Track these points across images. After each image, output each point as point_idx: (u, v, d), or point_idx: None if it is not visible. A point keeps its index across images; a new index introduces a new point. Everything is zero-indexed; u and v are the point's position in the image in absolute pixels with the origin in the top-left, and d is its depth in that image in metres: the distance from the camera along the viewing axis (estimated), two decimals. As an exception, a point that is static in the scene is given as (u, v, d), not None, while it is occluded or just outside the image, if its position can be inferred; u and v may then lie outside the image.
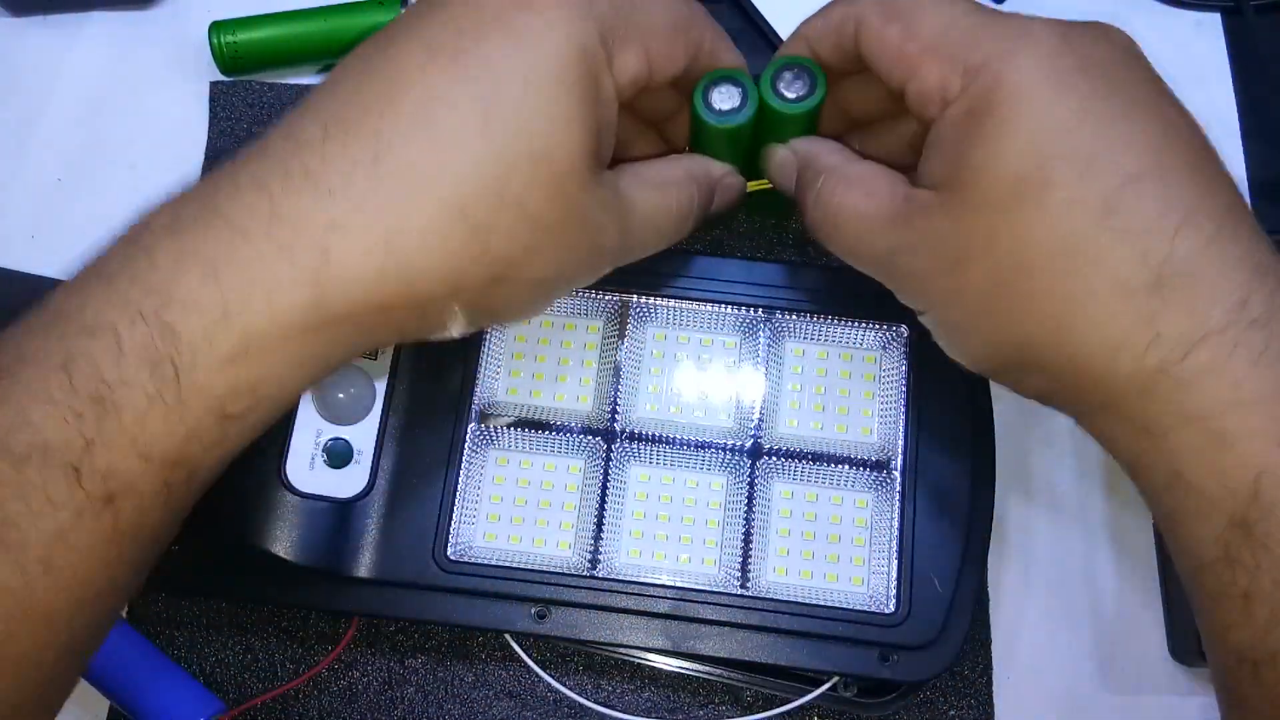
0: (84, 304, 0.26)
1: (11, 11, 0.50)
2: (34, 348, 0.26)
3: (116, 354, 0.26)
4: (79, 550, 0.25)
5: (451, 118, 0.27)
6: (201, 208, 0.27)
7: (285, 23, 0.47)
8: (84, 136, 0.49)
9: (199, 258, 0.26)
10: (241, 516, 0.36)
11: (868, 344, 0.40)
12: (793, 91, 0.34)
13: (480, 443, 0.39)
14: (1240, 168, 0.47)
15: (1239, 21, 0.48)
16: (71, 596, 0.26)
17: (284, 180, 0.27)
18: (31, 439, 0.25)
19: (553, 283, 0.31)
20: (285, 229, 0.26)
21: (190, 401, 0.26)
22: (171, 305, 0.26)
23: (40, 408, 0.25)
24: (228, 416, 0.27)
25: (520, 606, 0.37)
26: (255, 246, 0.26)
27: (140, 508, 0.26)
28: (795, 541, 0.38)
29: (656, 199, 0.34)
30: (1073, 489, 0.43)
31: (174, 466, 0.26)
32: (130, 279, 0.26)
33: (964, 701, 0.41)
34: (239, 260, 0.26)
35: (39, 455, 0.25)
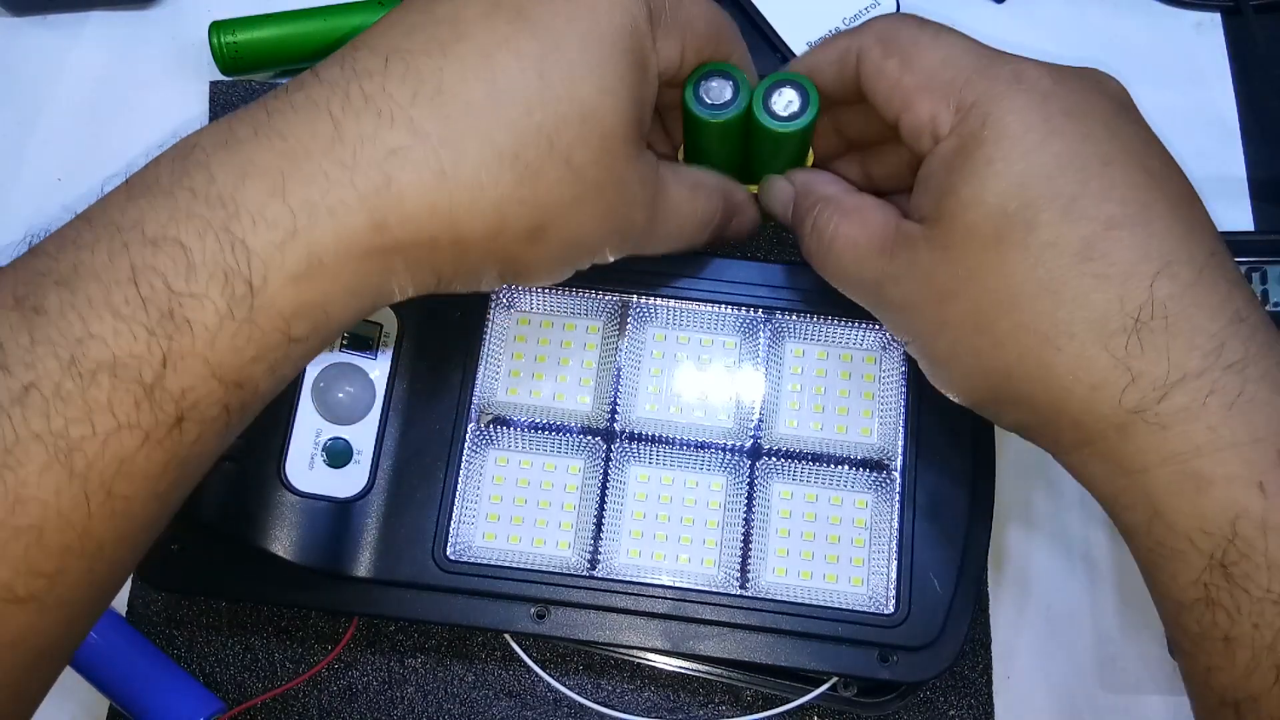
0: (141, 217, 0.25)
1: (11, 11, 0.50)
2: (92, 260, 0.25)
3: (186, 267, 0.25)
4: (138, 479, 0.25)
5: (512, 65, 0.28)
6: (258, 127, 0.27)
7: (285, 23, 0.47)
8: (84, 136, 0.49)
9: (262, 172, 0.26)
10: (241, 516, 0.36)
11: (868, 344, 0.40)
12: (785, 110, 0.34)
13: (480, 442, 0.39)
14: (1240, 168, 0.47)
15: (1239, 21, 0.48)
16: (124, 528, 0.25)
17: (344, 103, 0.27)
18: (99, 355, 0.24)
19: (583, 245, 0.31)
20: (347, 150, 0.26)
21: (260, 320, 0.25)
22: (240, 218, 0.25)
23: (107, 322, 0.24)
24: (293, 339, 0.26)
25: (520, 606, 0.37)
26: (317, 164, 0.26)
27: (202, 433, 0.26)
28: (795, 542, 0.38)
29: (687, 196, 0.34)
30: (1073, 490, 0.43)
31: (237, 388, 0.26)
32: (190, 192, 0.25)
33: (964, 701, 0.41)
34: (302, 177, 0.26)
35: (106, 372, 0.24)
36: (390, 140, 0.27)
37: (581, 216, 0.30)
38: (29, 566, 0.23)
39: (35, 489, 0.23)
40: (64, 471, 0.23)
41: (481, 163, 0.27)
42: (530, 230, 0.29)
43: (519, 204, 0.28)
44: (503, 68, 0.28)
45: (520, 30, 0.28)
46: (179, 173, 0.26)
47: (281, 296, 0.26)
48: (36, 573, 0.24)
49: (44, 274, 0.25)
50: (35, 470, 0.23)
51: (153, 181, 0.26)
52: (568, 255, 0.31)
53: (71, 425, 0.23)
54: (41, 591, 0.24)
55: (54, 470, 0.23)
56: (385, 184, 0.26)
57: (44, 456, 0.23)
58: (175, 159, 0.26)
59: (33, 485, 0.23)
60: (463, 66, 0.27)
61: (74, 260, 0.25)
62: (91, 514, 0.24)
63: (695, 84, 0.35)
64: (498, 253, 0.29)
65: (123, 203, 0.26)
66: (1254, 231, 0.46)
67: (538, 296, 0.40)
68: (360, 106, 0.27)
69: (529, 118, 0.28)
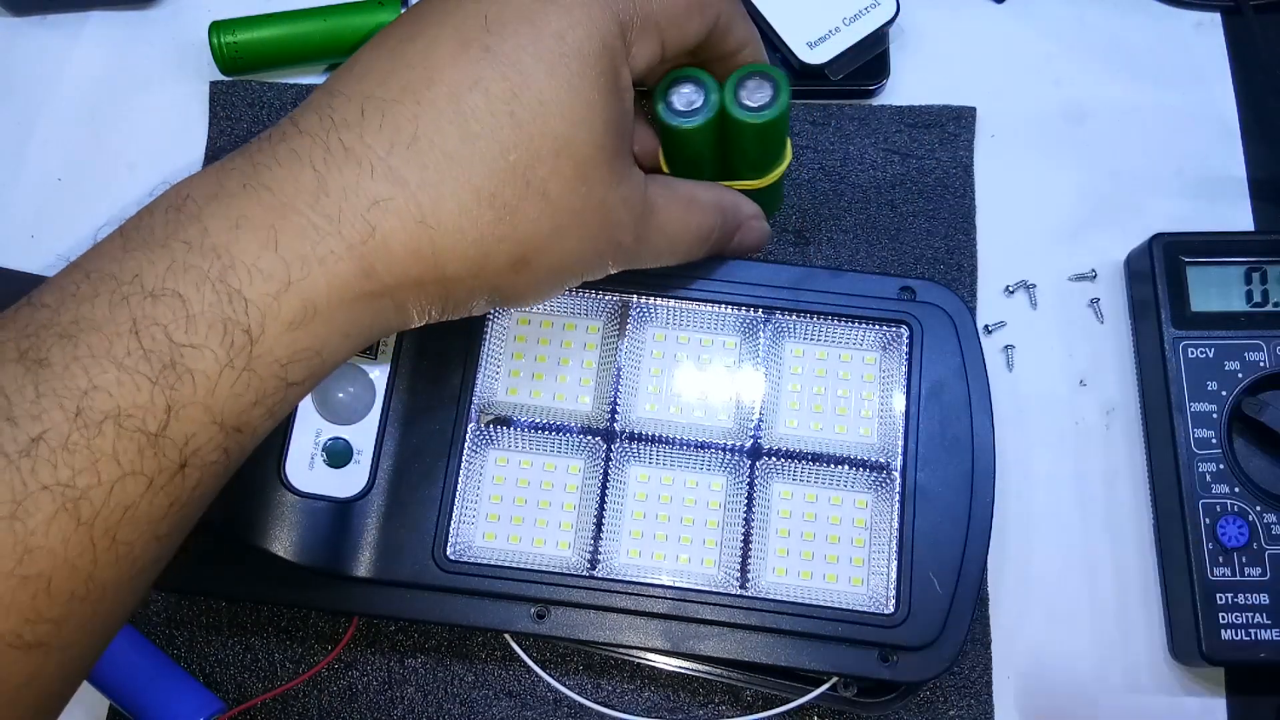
0: (139, 269, 0.26)
1: (11, 11, 0.50)
2: (93, 312, 0.25)
3: (186, 318, 0.25)
4: (142, 524, 0.25)
5: (482, 108, 0.28)
6: (245, 180, 0.27)
7: (285, 23, 0.47)
8: (84, 136, 0.49)
9: (254, 225, 0.26)
10: (241, 516, 0.36)
11: (868, 344, 0.40)
12: (755, 101, 0.34)
13: (480, 442, 0.39)
14: (1240, 168, 0.47)
15: (1239, 21, 0.48)
16: (126, 572, 0.25)
17: (325, 156, 0.28)
18: (104, 405, 0.24)
19: (570, 270, 0.32)
20: (332, 203, 0.27)
21: (259, 367, 0.26)
22: (236, 269, 0.26)
23: (110, 373, 0.24)
24: (290, 383, 0.27)
25: (520, 606, 0.37)
26: (306, 218, 0.27)
27: (202, 477, 0.26)
28: (795, 542, 0.38)
29: (679, 213, 0.35)
30: (1072, 489, 0.43)
31: (236, 433, 0.27)
32: (186, 244, 0.26)
33: (964, 701, 0.41)
34: (293, 230, 0.27)
35: (112, 422, 0.24)
36: (372, 191, 0.27)
37: (564, 244, 0.31)
38: (36, 614, 0.24)
39: (43, 538, 0.24)
40: (71, 521, 0.24)
41: (460, 207, 0.28)
42: (513, 263, 0.30)
43: (499, 240, 0.29)
44: (474, 111, 0.28)
45: (489, 69, 0.29)
46: (173, 225, 0.27)
47: (279, 344, 0.26)
48: (43, 619, 0.24)
49: (45, 326, 0.25)
50: (43, 520, 0.24)
51: (148, 234, 0.27)
52: (554, 280, 0.32)
53: (78, 475, 0.24)
54: (48, 637, 0.24)
55: (61, 520, 0.24)
56: (370, 233, 0.27)
57: (52, 507, 0.24)
58: (168, 210, 0.27)
59: (40, 535, 0.24)
60: (436, 113, 0.28)
61: (75, 314, 0.25)
62: (97, 560, 0.24)
63: (664, 94, 0.35)
64: (483, 286, 0.30)
65: (119, 255, 0.26)
66: (1254, 231, 0.46)
67: (538, 296, 0.40)
68: (341, 159, 0.27)
69: (504, 159, 0.28)
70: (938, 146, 0.47)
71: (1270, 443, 0.41)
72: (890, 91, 0.48)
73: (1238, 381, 0.41)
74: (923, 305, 0.39)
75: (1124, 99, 0.48)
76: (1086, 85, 0.48)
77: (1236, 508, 0.40)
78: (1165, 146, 0.47)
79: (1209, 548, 0.39)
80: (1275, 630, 0.38)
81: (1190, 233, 0.43)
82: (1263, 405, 0.40)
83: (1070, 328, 0.45)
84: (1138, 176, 0.47)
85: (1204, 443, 0.40)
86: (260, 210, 0.27)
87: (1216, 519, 0.39)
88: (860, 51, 0.46)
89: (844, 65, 0.46)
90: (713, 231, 0.36)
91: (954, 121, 0.47)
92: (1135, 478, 0.43)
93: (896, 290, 0.40)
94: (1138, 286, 0.44)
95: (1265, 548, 0.39)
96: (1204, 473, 0.40)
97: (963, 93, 0.47)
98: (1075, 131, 0.47)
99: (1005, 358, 0.44)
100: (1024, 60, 0.48)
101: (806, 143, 0.47)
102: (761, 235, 0.39)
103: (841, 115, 0.47)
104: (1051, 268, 0.46)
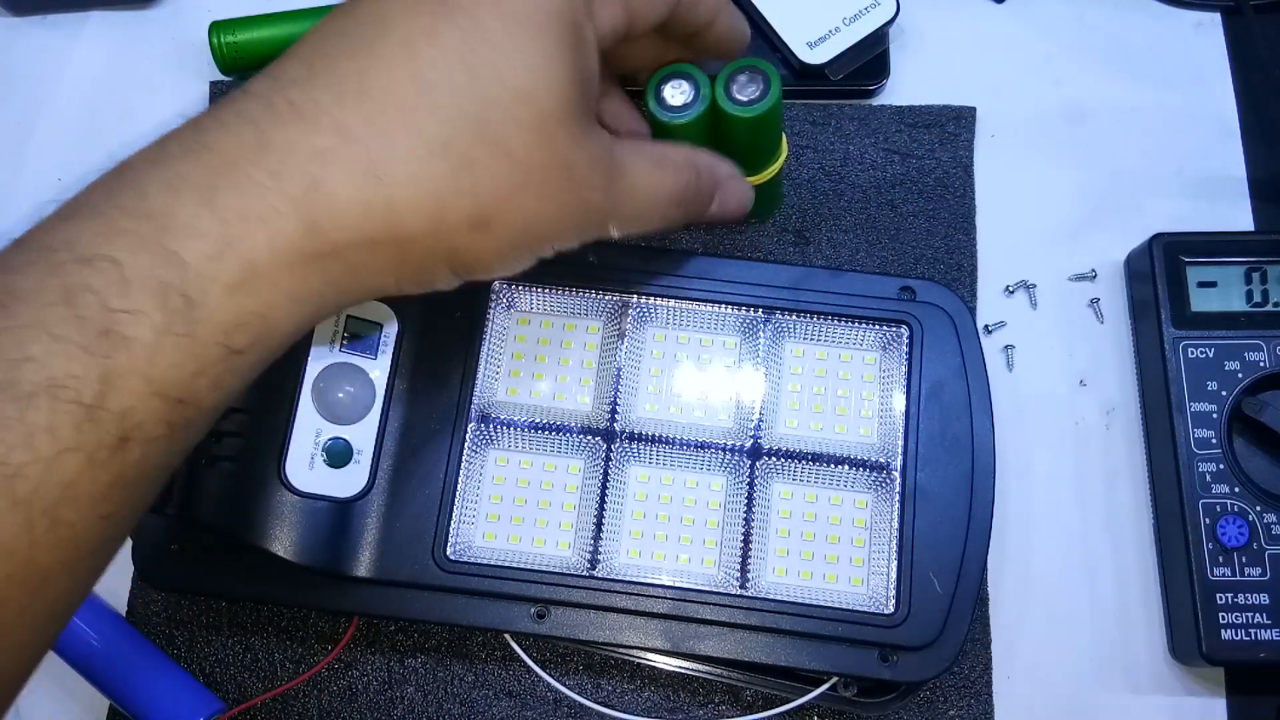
0: (73, 237, 0.25)
1: (11, 11, 0.50)
2: (23, 282, 0.24)
3: (121, 283, 0.24)
4: (83, 503, 0.24)
5: (435, 56, 0.27)
6: (186, 143, 0.27)
7: (285, 23, 0.47)
8: (84, 136, 0.49)
9: (191, 185, 0.26)
10: (241, 516, 0.36)
11: (868, 344, 0.40)
12: (745, 95, 0.35)
13: (480, 442, 0.39)
14: (1240, 168, 0.47)
15: (1239, 21, 0.48)
16: (69, 554, 0.24)
17: (270, 113, 0.27)
18: (36, 376, 0.23)
19: (536, 233, 0.30)
20: (273, 158, 0.26)
21: (199, 333, 0.25)
22: (172, 231, 0.25)
23: (42, 343, 0.23)
24: (234, 351, 0.26)
25: (520, 606, 0.37)
26: (245, 173, 0.26)
27: (146, 453, 0.25)
28: (795, 542, 0.38)
29: (650, 172, 0.33)
30: (1072, 489, 0.43)
31: (180, 405, 0.25)
32: (120, 209, 0.25)
33: (964, 701, 0.41)
34: (231, 187, 0.26)
35: (45, 395, 0.23)
36: (316, 143, 0.26)
37: (527, 203, 0.29)
38: None
39: None
40: (5, 499, 0.23)
41: (412, 156, 0.27)
42: (472, 220, 0.28)
43: (456, 194, 0.28)
44: (426, 59, 0.27)
45: (442, 20, 0.28)
46: (110, 191, 0.26)
47: (220, 309, 0.25)
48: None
49: None
50: None
51: (84, 203, 0.26)
52: (521, 244, 0.30)
53: (12, 451, 0.23)
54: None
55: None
56: (314, 186, 0.26)
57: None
58: (108, 179, 0.26)
59: None
60: (386, 63, 0.27)
61: (5, 284, 0.24)
62: (35, 542, 0.23)
63: (655, 89, 0.35)
64: (442, 248, 0.29)
65: (55, 224, 0.25)
66: (1254, 231, 0.46)
67: (538, 296, 0.40)
68: (285, 115, 0.27)
69: (456, 106, 0.27)
70: (938, 146, 0.47)
71: (1270, 443, 0.41)
72: (890, 92, 0.48)
73: (1238, 381, 0.41)
74: (923, 305, 0.40)
75: (1124, 99, 0.48)
76: (1086, 85, 0.48)
77: (1236, 508, 0.40)
78: (1165, 146, 0.47)
79: (1209, 548, 0.39)
80: (1275, 630, 0.38)
81: (1190, 233, 0.43)
82: (1263, 405, 0.40)
83: (1070, 328, 0.45)
84: (1138, 176, 0.47)
85: (1204, 443, 0.40)
86: (198, 170, 0.26)
87: (1216, 519, 0.39)
88: (860, 51, 0.46)
89: (844, 65, 0.46)
90: (687, 190, 0.34)
91: (954, 121, 0.47)
92: (1135, 478, 0.43)
93: (896, 290, 0.40)
94: (1138, 286, 0.44)
95: (1265, 548, 0.39)
96: (1204, 473, 0.40)
97: (962, 93, 0.47)
98: (1075, 131, 0.47)
99: (1005, 358, 0.44)
100: (1024, 60, 0.48)
101: (806, 142, 0.47)
102: (743, 196, 0.37)
103: (841, 115, 0.47)
104: (1051, 268, 0.46)
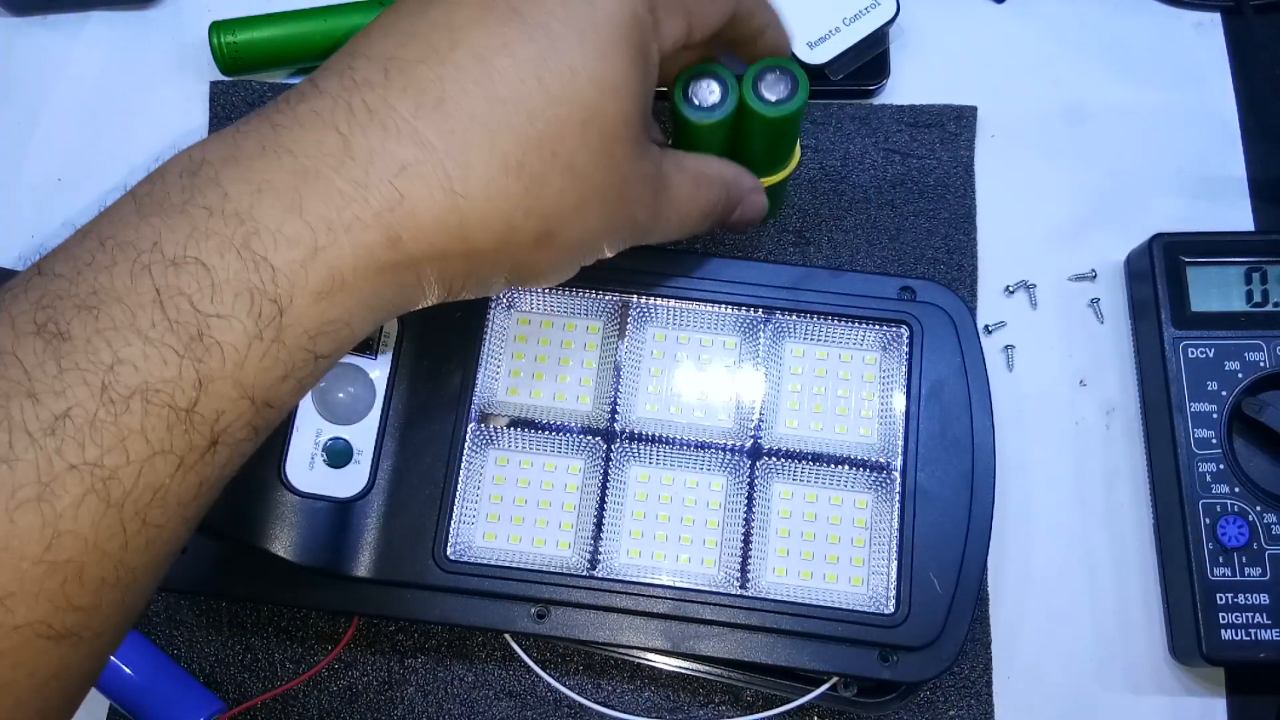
0: (157, 236, 0.24)
1: (11, 11, 0.50)
2: (112, 282, 0.24)
3: (211, 287, 0.24)
4: (171, 505, 0.24)
5: (510, 71, 0.27)
6: (264, 142, 0.26)
7: (285, 23, 0.47)
8: (84, 136, 0.49)
9: (276, 189, 0.25)
10: (241, 516, 0.36)
11: (868, 344, 0.40)
12: (774, 94, 0.35)
13: (480, 443, 0.39)
14: (1240, 168, 0.47)
15: (1239, 21, 0.48)
16: (156, 555, 0.24)
17: (349, 117, 0.26)
18: (131, 380, 0.23)
19: (588, 247, 0.31)
20: (358, 167, 0.26)
21: (286, 338, 0.25)
22: (260, 235, 0.25)
23: (136, 346, 0.23)
24: (318, 356, 0.26)
25: (520, 606, 0.37)
26: (330, 182, 0.26)
27: (230, 455, 0.25)
28: (795, 542, 0.38)
29: (690, 189, 0.34)
30: (1072, 489, 0.43)
31: (267, 409, 0.25)
32: (206, 210, 0.25)
33: (964, 701, 0.41)
34: (318, 194, 0.25)
35: (139, 398, 0.23)
36: (399, 155, 0.26)
37: (587, 219, 0.30)
38: (66, 601, 0.23)
39: (72, 521, 0.22)
40: (101, 503, 0.23)
41: (488, 175, 0.27)
42: (538, 237, 0.29)
43: (525, 214, 0.28)
44: (501, 74, 0.27)
45: (516, 32, 0.28)
46: (189, 189, 0.25)
47: (306, 315, 0.25)
48: (73, 607, 0.23)
49: (62, 297, 0.23)
50: (72, 502, 0.22)
51: (163, 198, 0.25)
52: (574, 256, 0.31)
53: (106, 454, 0.23)
54: (77, 626, 0.23)
55: (90, 502, 0.23)
56: (399, 200, 0.26)
57: (80, 488, 0.22)
58: (182, 175, 0.26)
59: (69, 518, 0.22)
60: (462, 75, 0.27)
61: (93, 283, 0.24)
62: (126, 544, 0.23)
63: (684, 87, 0.35)
64: (507, 260, 0.29)
65: (134, 221, 0.25)
66: (1254, 231, 0.46)
67: (538, 296, 0.40)
68: (365, 121, 0.26)
69: (531, 125, 0.27)
70: (938, 146, 0.47)
71: (1270, 443, 0.41)
72: (890, 92, 0.48)
73: (1238, 381, 0.41)
74: (923, 305, 0.40)
75: (1124, 99, 0.48)
76: (1086, 85, 0.48)
77: (1236, 508, 0.40)
78: (1165, 146, 0.47)
79: (1209, 548, 0.39)
80: (1275, 630, 0.38)
81: (1190, 233, 0.43)
82: (1263, 405, 0.40)
83: (1070, 328, 0.45)
84: (1138, 176, 0.47)
85: (1204, 443, 0.40)
86: (282, 174, 0.25)
87: (1216, 519, 0.39)
88: (860, 52, 0.46)
89: (844, 65, 0.46)
90: (718, 205, 0.35)
91: (955, 121, 0.47)
92: (1135, 478, 0.43)
93: (896, 290, 0.40)
94: (1138, 286, 0.44)
95: (1265, 548, 0.39)
96: (1204, 473, 0.40)
97: (963, 93, 0.47)
98: (1075, 131, 0.47)
99: (1005, 358, 0.44)
100: (1024, 60, 0.48)
101: (807, 142, 0.47)
102: (759, 209, 0.38)
103: (842, 115, 0.47)
104: (1051, 268, 0.46)
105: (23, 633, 0.22)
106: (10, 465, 0.22)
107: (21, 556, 0.22)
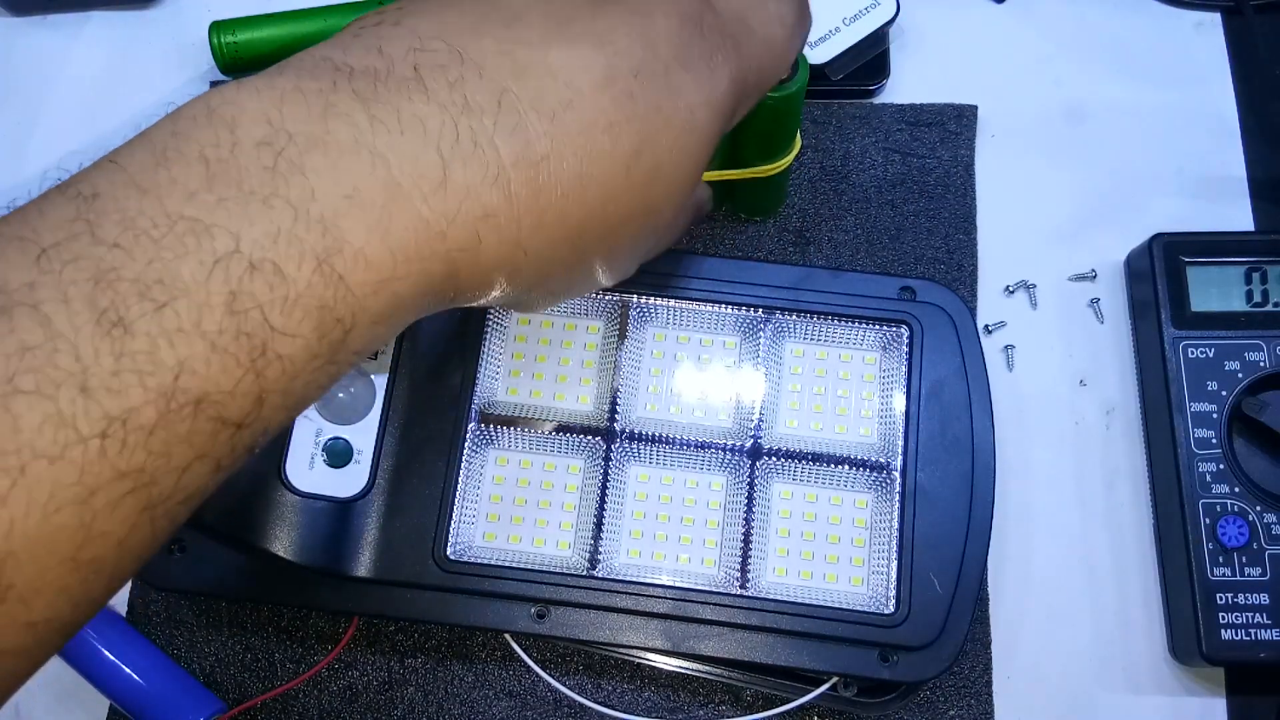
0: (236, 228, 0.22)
1: (11, 11, 0.50)
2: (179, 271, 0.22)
3: (284, 300, 0.23)
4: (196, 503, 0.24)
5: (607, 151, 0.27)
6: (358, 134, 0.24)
7: (285, 23, 0.47)
8: (84, 136, 0.49)
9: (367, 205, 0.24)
10: (241, 516, 0.36)
11: (868, 344, 0.40)
12: None
13: (480, 443, 0.39)
14: (1240, 168, 0.47)
15: (1239, 21, 0.48)
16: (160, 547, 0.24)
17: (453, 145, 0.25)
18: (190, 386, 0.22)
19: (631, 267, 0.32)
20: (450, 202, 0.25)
21: (339, 357, 0.24)
22: (343, 253, 0.23)
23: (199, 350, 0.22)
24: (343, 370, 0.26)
25: (520, 606, 0.37)
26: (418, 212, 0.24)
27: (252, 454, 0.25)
28: (795, 542, 0.38)
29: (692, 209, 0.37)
30: (1072, 489, 0.43)
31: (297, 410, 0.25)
32: (290, 207, 0.23)
33: (964, 701, 0.41)
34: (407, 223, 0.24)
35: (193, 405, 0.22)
36: (487, 202, 0.25)
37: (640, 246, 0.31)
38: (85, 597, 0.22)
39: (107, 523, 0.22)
40: (139, 506, 0.22)
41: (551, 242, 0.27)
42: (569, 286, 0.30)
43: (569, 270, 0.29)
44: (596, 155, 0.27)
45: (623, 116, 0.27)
46: (270, 173, 0.23)
47: (361, 337, 0.25)
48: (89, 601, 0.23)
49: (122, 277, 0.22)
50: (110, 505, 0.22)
51: (239, 175, 0.23)
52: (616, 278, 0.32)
53: (152, 459, 0.22)
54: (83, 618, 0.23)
55: (128, 504, 0.22)
56: (475, 243, 0.26)
57: (121, 491, 0.22)
58: (260, 145, 0.23)
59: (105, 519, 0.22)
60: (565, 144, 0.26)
61: (160, 270, 0.22)
62: (152, 542, 0.23)
63: None
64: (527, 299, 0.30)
65: (206, 197, 0.23)
66: (1254, 231, 0.46)
67: (538, 296, 0.40)
68: (469, 154, 0.25)
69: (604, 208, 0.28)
70: (939, 145, 0.47)
71: (1270, 443, 0.41)
72: (890, 92, 0.48)
73: (1238, 381, 0.41)
74: (923, 305, 0.40)
75: (1124, 99, 0.48)
76: (1086, 85, 0.48)
77: (1236, 508, 0.40)
78: (1165, 146, 0.47)
79: (1209, 548, 0.39)
80: (1275, 630, 0.38)
81: (1190, 233, 0.43)
82: (1263, 405, 0.40)
83: (1070, 328, 0.45)
84: (1138, 176, 0.47)
85: (1204, 443, 0.40)
86: (374, 185, 0.24)
87: (1216, 519, 0.39)
88: (860, 51, 0.46)
89: (844, 65, 0.46)
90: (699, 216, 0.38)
91: (955, 120, 0.47)
92: (1135, 478, 0.43)
93: (897, 290, 0.40)
94: (1138, 286, 0.44)
95: (1265, 548, 0.39)
96: (1204, 473, 0.40)
97: (963, 93, 0.47)
98: (1075, 131, 0.47)
99: (1005, 358, 0.44)
100: (1024, 60, 0.48)
101: (807, 142, 0.47)
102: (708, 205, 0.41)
103: (842, 114, 0.47)
104: (1051, 268, 0.46)
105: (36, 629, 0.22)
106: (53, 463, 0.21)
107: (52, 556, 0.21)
